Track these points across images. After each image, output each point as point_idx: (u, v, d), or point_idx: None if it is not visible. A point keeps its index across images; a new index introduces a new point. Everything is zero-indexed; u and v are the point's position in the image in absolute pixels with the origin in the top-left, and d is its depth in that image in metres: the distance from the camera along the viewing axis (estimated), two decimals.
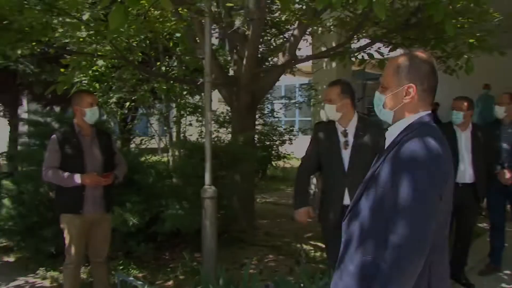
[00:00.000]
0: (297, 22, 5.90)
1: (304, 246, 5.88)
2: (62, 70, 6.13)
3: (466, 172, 4.46)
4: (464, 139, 4.49)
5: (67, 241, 3.77)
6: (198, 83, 6.07)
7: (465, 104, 4.43)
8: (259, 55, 6.62)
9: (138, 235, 5.03)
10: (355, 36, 5.38)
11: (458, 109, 4.43)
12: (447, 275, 1.85)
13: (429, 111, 1.84)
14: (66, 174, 3.64)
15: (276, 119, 12.41)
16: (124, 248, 5.08)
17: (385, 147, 1.87)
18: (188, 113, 8.57)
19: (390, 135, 1.88)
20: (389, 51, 5.48)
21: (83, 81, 7.21)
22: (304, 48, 7.96)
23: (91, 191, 3.75)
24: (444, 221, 1.78)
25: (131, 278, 3.92)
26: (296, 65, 7.68)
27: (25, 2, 4.26)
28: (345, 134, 3.43)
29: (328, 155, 3.49)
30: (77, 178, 3.62)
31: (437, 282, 1.75)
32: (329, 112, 3.44)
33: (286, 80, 13.94)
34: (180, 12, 6.04)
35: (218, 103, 12.34)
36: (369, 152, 3.22)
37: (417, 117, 1.82)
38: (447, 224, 1.81)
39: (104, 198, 3.85)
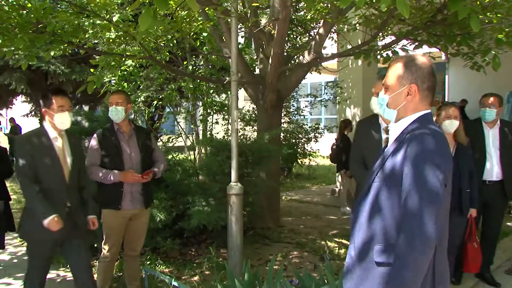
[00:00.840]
0: (322, 20, 5.91)
1: (329, 243, 5.91)
2: (92, 70, 6.30)
3: (493, 170, 4.41)
4: (492, 136, 4.45)
5: (105, 236, 3.91)
6: (225, 82, 6.15)
7: (498, 100, 4.39)
8: (285, 54, 6.66)
9: (165, 231, 5.14)
10: (380, 34, 5.36)
11: (490, 106, 4.37)
12: (447, 276, 1.96)
13: (429, 110, 1.98)
14: (104, 171, 3.76)
15: (302, 117, 12.44)
16: (151, 244, 5.18)
17: (389, 143, 2.03)
18: (214, 111, 8.67)
19: (394, 132, 2.03)
20: (414, 48, 5.45)
21: (112, 81, 7.39)
22: (330, 46, 7.97)
23: (129, 187, 3.85)
24: (444, 218, 1.88)
25: (158, 272, 4.01)
26: (322, 63, 7.70)
27: (58, 5, 4.42)
28: (388, 131, 3.44)
29: (368, 150, 3.51)
30: (113, 176, 3.74)
31: (439, 279, 1.87)
32: (375, 105, 3.42)
33: (312, 78, 13.95)
34: (206, 12, 6.13)
35: (244, 102, 12.45)
36: None
37: (419, 115, 1.95)
38: (447, 223, 1.93)
39: (143, 194, 3.94)
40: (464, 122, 4.14)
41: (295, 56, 7.48)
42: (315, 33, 6.15)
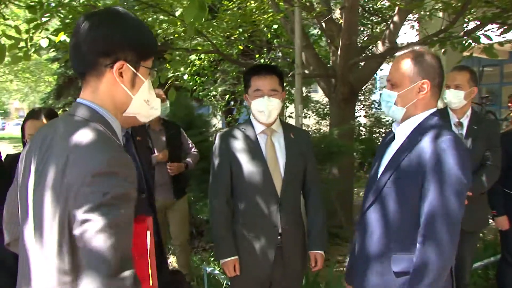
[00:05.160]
0: (397, 8, 5.51)
1: None
2: (167, 65, 6.34)
3: None
4: None
5: None
6: (289, 75, 5.95)
7: None
8: (359, 44, 6.32)
9: None
10: (461, 20, 4.87)
11: None
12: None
13: (436, 108, 1.89)
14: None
15: (380, 109, 11.97)
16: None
17: (396, 143, 1.90)
18: (289, 104, 8.52)
19: (403, 131, 1.89)
20: (501, 33, 4.87)
21: (181, 75, 7.39)
22: (403, 35, 7.45)
23: (158, 178, 4.00)
24: None
25: (217, 272, 3.93)
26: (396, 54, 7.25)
27: (125, 3, 4.50)
28: (460, 125, 3.16)
29: None
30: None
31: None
32: (454, 98, 3.07)
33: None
34: (277, 3, 5.96)
35: (320, 95, 12.17)
36: (482, 146, 3.09)
37: (429, 113, 1.85)
38: None
39: (173, 185, 4.07)
40: None
41: (370, 47, 7.09)
42: (390, 22, 5.76)
